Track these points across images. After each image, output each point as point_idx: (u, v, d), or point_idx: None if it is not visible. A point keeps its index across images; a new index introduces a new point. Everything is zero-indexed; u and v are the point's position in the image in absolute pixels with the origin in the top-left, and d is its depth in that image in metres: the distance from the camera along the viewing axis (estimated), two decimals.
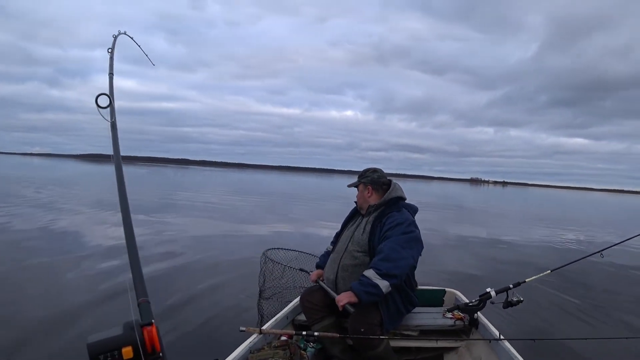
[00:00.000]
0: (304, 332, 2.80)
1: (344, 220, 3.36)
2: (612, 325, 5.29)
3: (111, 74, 2.30)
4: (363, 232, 3.02)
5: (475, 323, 3.25)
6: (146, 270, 6.62)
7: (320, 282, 3.20)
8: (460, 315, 3.29)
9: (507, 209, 32.39)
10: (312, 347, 3.05)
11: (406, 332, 3.18)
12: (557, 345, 4.15)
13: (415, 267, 3.03)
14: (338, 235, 3.34)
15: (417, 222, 3.06)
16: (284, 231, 12.12)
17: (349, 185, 3.31)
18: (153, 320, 1.14)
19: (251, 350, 2.70)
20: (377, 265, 2.70)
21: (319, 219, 16.24)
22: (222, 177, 65.60)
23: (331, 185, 59.02)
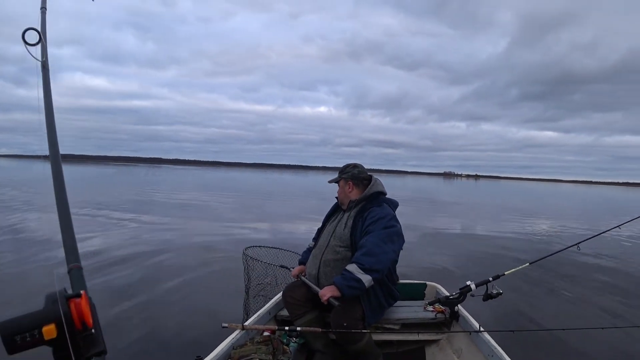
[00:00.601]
0: (287, 327, 2.80)
1: (325, 216, 3.36)
2: (590, 316, 5.42)
3: (44, 9, 2.00)
4: (345, 227, 3.03)
5: (455, 316, 3.29)
6: (123, 270, 6.53)
7: (302, 278, 3.20)
8: (441, 308, 3.33)
9: (482, 202, 32.88)
10: (295, 342, 3.05)
11: (388, 326, 3.21)
12: (536, 336, 4.25)
13: (396, 262, 3.06)
14: (320, 231, 3.34)
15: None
16: (262, 229, 12.07)
17: (330, 181, 3.31)
18: (84, 291, 0.94)
19: (234, 347, 2.69)
20: (359, 259, 2.71)
21: (296, 216, 16.26)
22: (197, 176, 64.57)
23: (307, 182, 58.98)
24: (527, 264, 3.66)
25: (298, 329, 2.78)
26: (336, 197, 3.30)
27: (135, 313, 4.79)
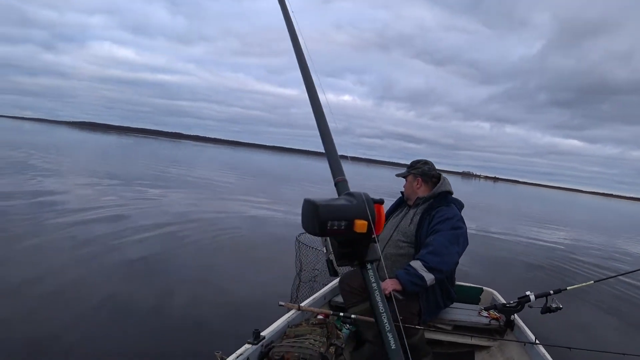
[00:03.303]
0: (341, 314, 2.89)
1: (388, 209, 3.39)
2: None
3: None
4: (410, 222, 3.06)
5: (510, 324, 3.25)
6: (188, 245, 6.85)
7: None
8: (496, 314, 3.30)
9: (531, 209, 31.69)
10: (348, 328, 3.14)
11: (441, 326, 3.23)
12: (593, 357, 4.08)
13: (457, 263, 3.06)
14: None
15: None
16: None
17: (398, 175, 3.33)
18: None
19: (289, 325, 2.82)
20: (424, 257, 2.75)
21: None
22: (230, 156, 66.36)
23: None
24: (592, 281, 3.54)
25: (352, 316, 2.86)
26: (401, 192, 3.32)
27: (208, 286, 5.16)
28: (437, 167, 3.22)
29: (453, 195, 3.15)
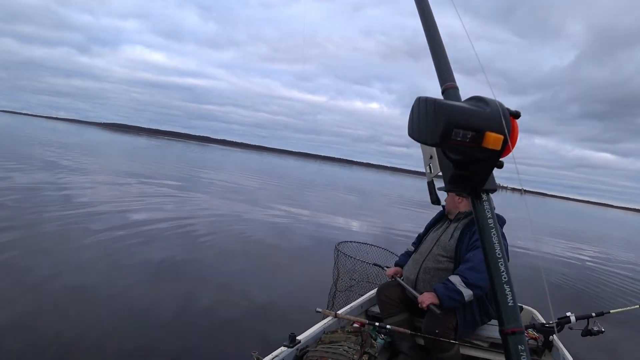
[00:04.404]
0: (377, 323, 2.92)
1: (428, 223, 3.41)
2: None
3: None
4: (451, 237, 3.06)
5: (549, 345, 3.18)
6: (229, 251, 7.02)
7: (399, 279, 3.28)
8: (534, 334, 3.24)
9: (563, 223, 30.53)
10: (383, 339, 3.17)
11: (477, 342, 3.19)
12: None
13: None
14: (421, 237, 3.39)
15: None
16: (354, 224, 12.30)
17: (439, 189, 3.33)
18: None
19: (325, 331, 2.87)
20: (464, 273, 2.76)
21: (385, 213, 16.24)
22: (260, 162, 66.98)
23: (380, 180, 58.49)
24: (637, 306, 3.42)
25: (388, 326, 2.89)
26: (443, 206, 3.33)
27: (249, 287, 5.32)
28: None
29: (495, 211, 3.12)
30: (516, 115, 0.76)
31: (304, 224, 11.04)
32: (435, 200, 0.98)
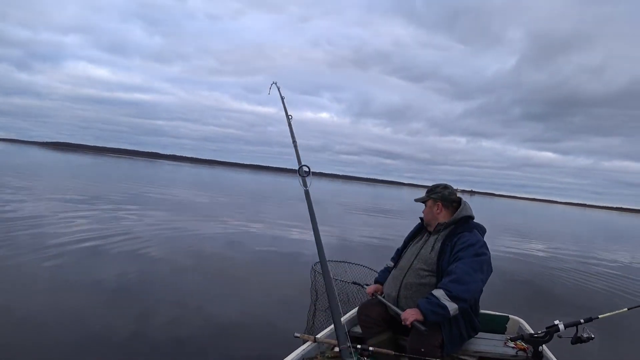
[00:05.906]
0: (359, 346, 2.75)
1: (407, 236, 3.29)
2: None
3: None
4: (431, 250, 2.95)
5: (539, 356, 3.05)
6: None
7: (379, 297, 3.14)
8: (523, 345, 3.12)
9: (513, 221, 31.86)
10: None
11: (464, 358, 3.06)
12: None
13: (482, 291, 2.92)
14: (400, 252, 3.27)
15: None
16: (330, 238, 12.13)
17: (417, 200, 3.23)
18: None
19: (304, 358, 2.70)
20: (447, 286, 2.63)
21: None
22: (213, 175, 66.75)
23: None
24: (626, 309, 3.33)
25: (370, 348, 2.73)
26: (420, 218, 3.22)
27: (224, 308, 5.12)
28: (414, 181, 3.14)
29: (474, 220, 3.03)
30: None
31: (259, 238, 10.96)
32: None
